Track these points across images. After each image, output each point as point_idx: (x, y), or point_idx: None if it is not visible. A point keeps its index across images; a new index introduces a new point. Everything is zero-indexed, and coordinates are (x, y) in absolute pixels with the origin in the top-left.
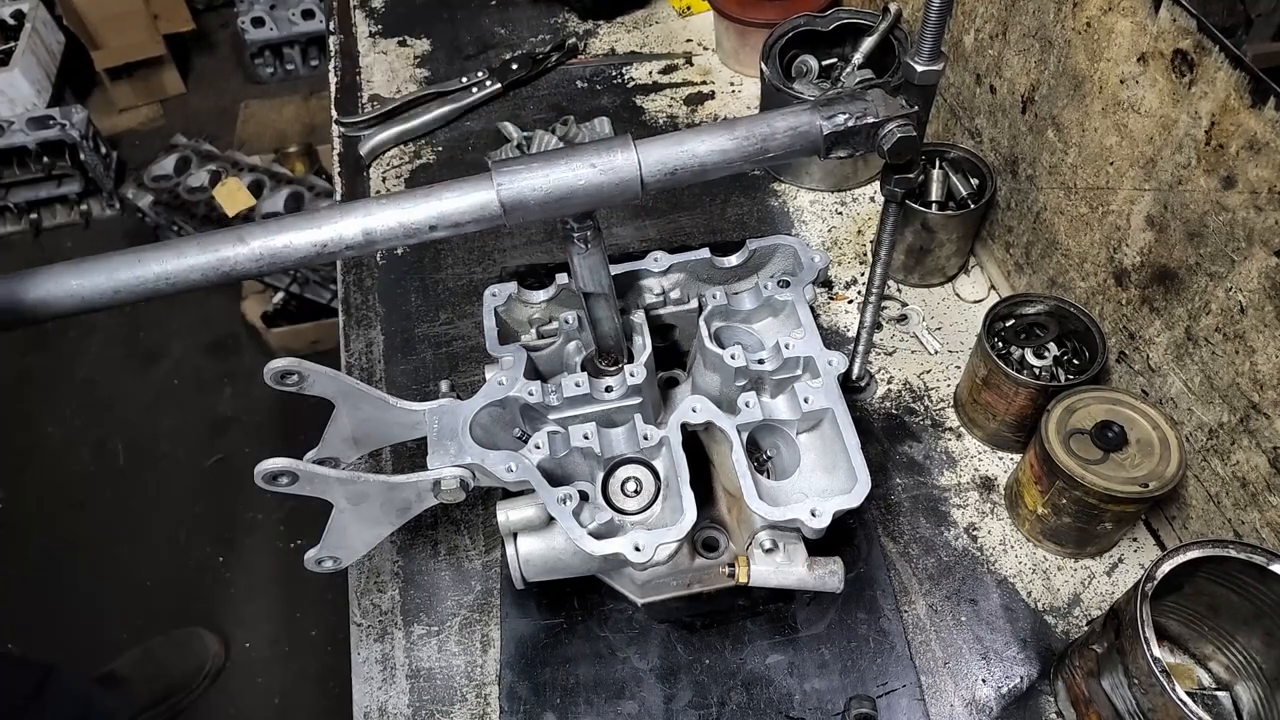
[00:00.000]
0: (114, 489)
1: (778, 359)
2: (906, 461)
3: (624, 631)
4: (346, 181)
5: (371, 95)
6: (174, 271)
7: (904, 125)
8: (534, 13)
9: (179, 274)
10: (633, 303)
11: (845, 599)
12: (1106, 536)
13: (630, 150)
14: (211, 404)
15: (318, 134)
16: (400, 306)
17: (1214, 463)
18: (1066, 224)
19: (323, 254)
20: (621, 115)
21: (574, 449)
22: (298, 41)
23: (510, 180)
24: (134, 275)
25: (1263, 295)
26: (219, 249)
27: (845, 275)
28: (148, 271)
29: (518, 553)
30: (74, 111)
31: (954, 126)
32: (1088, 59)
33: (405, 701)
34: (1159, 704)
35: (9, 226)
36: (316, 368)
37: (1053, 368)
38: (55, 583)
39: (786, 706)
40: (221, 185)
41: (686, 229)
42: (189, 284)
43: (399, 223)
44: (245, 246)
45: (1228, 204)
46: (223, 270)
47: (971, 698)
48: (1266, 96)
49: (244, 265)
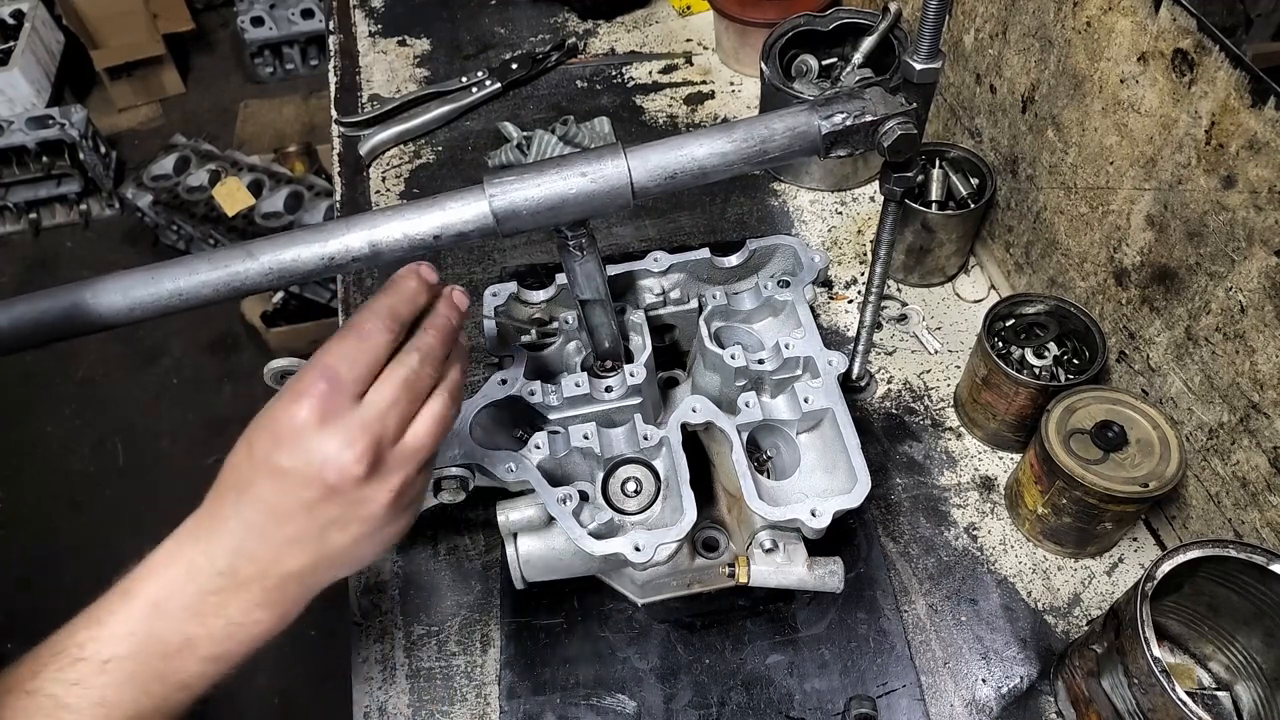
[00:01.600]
0: (113, 488)
1: (778, 359)
2: (906, 461)
3: (624, 631)
4: (346, 181)
5: (371, 95)
6: (186, 288)
7: (904, 122)
8: (534, 12)
9: (191, 290)
10: (632, 303)
11: (845, 599)
12: (1106, 536)
13: (620, 159)
14: (211, 403)
15: (317, 134)
16: None
17: (1214, 462)
18: (1066, 224)
19: (330, 267)
20: (621, 115)
21: (574, 449)
22: (297, 41)
23: (502, 191)
24: (149, 293)
25: (1263, 295)
26: (230, 264)
27: (845, 275)
28: (162, 289)
29: (518, 553)
30: (73, 111)
31: (954, 126)
32: (1088, 58)
33: (405, 701)
34: (1159, 704)
35: (8, 226)
36: None
37: (1053, 367)
38: (54, 582)
39: (786, 706)
40: (221, 185)
41: (686, 229)
42: (201, 300)
43: (404, 234)
44: (255, 262)
45: (1228, 204)
46: (234, 285)
47: (971, 698)
48: (1266, 96)
49: (254, 280)
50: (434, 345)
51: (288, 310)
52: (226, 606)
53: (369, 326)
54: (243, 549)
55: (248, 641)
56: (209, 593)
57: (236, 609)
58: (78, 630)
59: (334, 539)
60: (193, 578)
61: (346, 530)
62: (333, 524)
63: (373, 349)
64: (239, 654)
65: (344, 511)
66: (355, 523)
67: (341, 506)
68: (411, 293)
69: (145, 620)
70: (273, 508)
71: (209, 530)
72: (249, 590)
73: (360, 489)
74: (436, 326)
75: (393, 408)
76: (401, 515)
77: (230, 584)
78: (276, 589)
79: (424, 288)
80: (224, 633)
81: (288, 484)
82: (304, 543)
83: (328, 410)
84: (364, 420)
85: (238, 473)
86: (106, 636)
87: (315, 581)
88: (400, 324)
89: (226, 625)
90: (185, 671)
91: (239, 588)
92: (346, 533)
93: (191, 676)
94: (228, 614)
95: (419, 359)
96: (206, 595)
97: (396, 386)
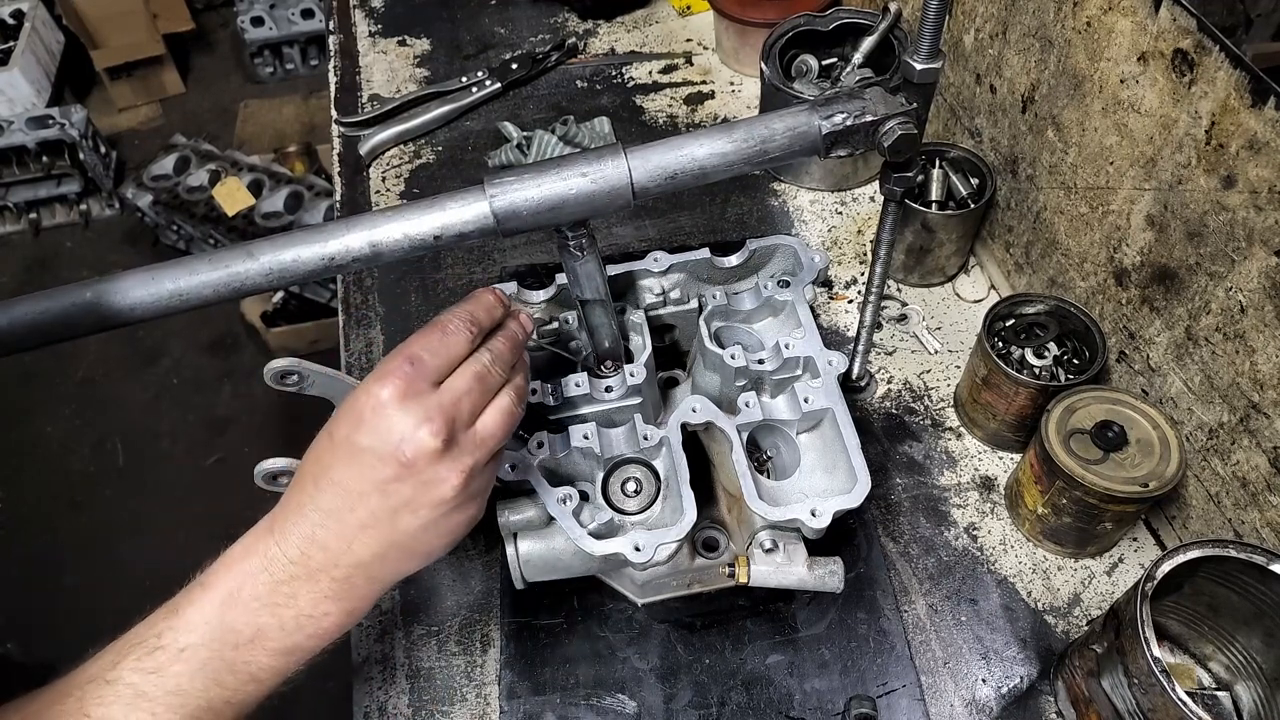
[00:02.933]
0: (113, 488)
1: (778, 359)
2: (906, 461)
3: (624, 631)
4: (346, 181)
5: (371, 95)
6: (187, 289)
7: (904, 122)
8: (534, 12)
9: (192, 290)
10: (632, 303)
11: (845, 599)
12: (1106, 536)
13: (620, 159)
14: (211, 403)
15: (317, 134)
16: (400, 306)
17: (1214, 462)
18: (1066, 224)
19: (331, 267)
20: (621, 115)
21: (574, 449)
22: (297, 41)
23: (502, 191)
24: (149, 293)
25: (1263, 295)
26: (230, 265)
27: (845, 275)
28: (162, 289)
29: (518, 553)
30: (73, 111)
31: (954, 126)
32: (1088, 58)
33: (405, 701)
34: (1159, 704)
35: (8, 226)
36: (316, 368)
37: (1053, 367)
38: (54, 582)
39: (786, 706)
40: (221, 185)
41: (686, 229)
42: (202, 300)
43: (404, 234)
44: (255, 262)
45: (1228, 204)
46: (234, 286)
47: (971, 698)
48: (1266, 96)
49: (254, 280)
50: (504, 351)
51: (288, 310)
52: (296, 597)
53: (452, 325)
54: (315, 536)
55: (317, 635)
56: (280, 582)
57: (306, 600)
58: (157, 621)
59: (404, 522)
60: (265, 568)
61: (417, 513)
62: (404, 505)
63: (453, 344)
64: (308, 648)
65: (415, 492)
66: (426, 505)
67: (414, 486)
68: (490, 305)
69: (219, 610)
70: (347, 489)
71: (284, 520)
72: (318, 580)
73: (434, 466)
74: (507, 336)
75: (466, 395)
76: (468, 504)
77: (301, 573)
78: (345, 579)
79: (500, 303)
80: (294, 624)
81: (364, 462)
82: (375, 528)
83: (409, 390)
84: (440, 402)
85: (318, 460)
86: (182, 625)
87: (382, 573)
88: (479, 328)
89: (296, 617)
90: (256, 664)
91: (309, 577)
92: (417, 516)
93: (262, 669)
94: (298, 605)
95: (491, 358)
96: (278, 585)
97: (470, 378)
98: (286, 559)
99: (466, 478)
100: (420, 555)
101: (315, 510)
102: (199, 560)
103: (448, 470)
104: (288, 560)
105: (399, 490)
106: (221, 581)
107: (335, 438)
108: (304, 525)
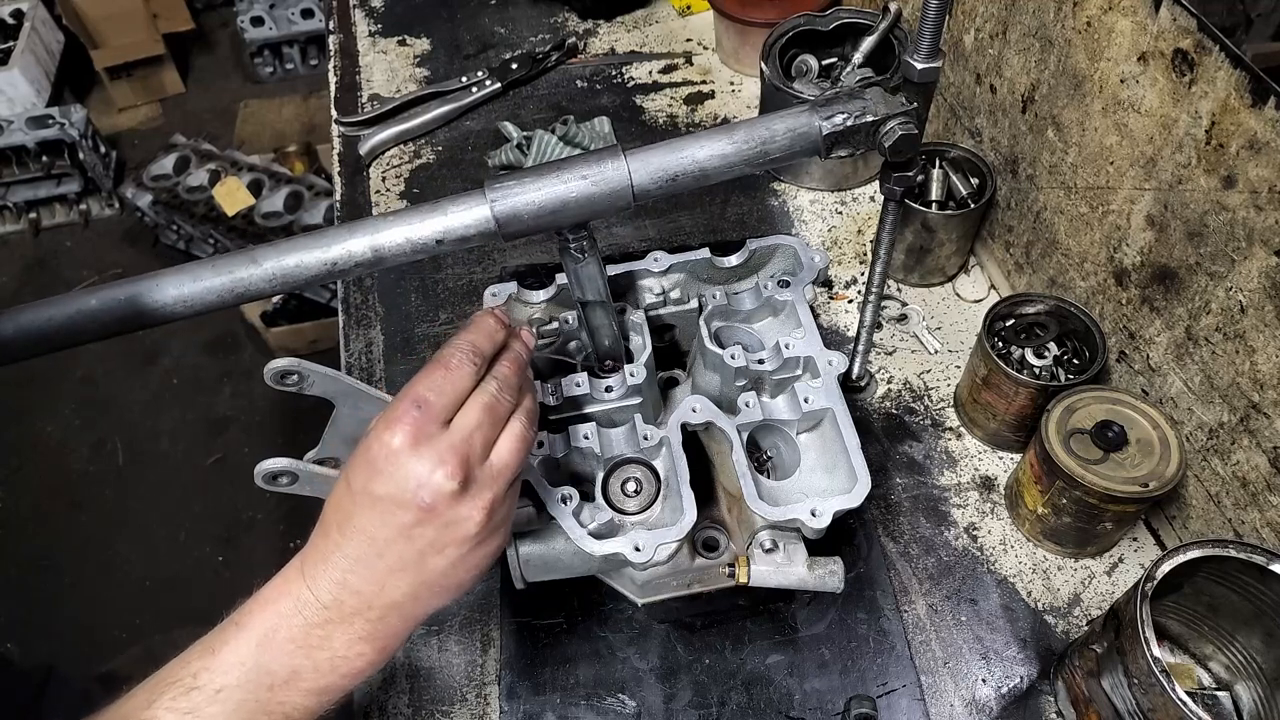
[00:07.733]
0: (113, 488)
1: (778, 359)
2: (906, 461)
3: (624, 631)
4: (346, 181)
5: (371, 95)
6: (190, 295)
7: (905, 122)
8: (534, 12)
9: (196, 296)
10: (632, 303)
11: (845, 599)
12: (1106, 536)
13: (621, 162)
14: (211, 403)
15: (317, 133)
16: (400, 306)
17: (1214, 462)
18: (1066, 224)
19: (334, 272)
20: (621, 115)
21: (574, 449)
22: (297, 41)
23: (503, 195)
24: (154, 299)
25: (1263, 295)
26: (234, 270)
27: (845, 275)
28: (165, 295)
29: (518, 553)
30: (73, 111)
31: (954, 126)
32: (1088, 58)
33: (405, 701)
34: (1159, 704)
35: (8, 225)
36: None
37: (1053, 367)
38: (54, 582)
39: (786, 706)
40: (221, 185)
41: (686, 229)
42: (206, 306)
43: (406, 239)
44: (259, 268)
45: (1228, 203)
46: (237, 291)
47: (971, 698)
48: (1266, 96)
49: (258, 286)
50: (510, 375)
51: (287, 310)
52: (331, 640)
53: (455, 360)
54: (346, 583)
55: (350, 675)
56: (314, 626)
57: (341, 642)
58: (192, 660)
59: (432, 563)
60: (299, 611)
61: (444, 553)
62: (430, 547)
63: (458, 379)
64: (341, 688)
65: (439, 534)
66: (452, 545)
67: (437, 529)
68: (491, 330)
69: (254, 651)
70: (372, 538)
71: (314, 565)
72: (352, 624)
73: (454, 507)
74: (512, 359)
75: (477, 430)
76: (493, 536)
77: (335, 617)
78: (379, 620)
79: (501, 326)
80: (328, 665)
81: (385, 510)
82: (404, 571)
83: (419, 435)
84: (452, 442)
85: (339, 508)
86: (218, 666)
87: (415, 612)
88: (482, 358)
89: (331, 658)
90: (290, 704)
91: (343, 620)
92: (444, 556)
93: (296, 709)
94: (332, 647)
95: (497, 386)
96: (312, 629)
97: (479, 411)
98: (319, 603)
99: (488, 513)
100: (452, 590)
101: (343, 557)
102: (199, 560)
103: (469, 509)
104: (320, 605)
105: (423, 534)
106: (256, 622)
107: (353, 487)
108: (333, 571)
